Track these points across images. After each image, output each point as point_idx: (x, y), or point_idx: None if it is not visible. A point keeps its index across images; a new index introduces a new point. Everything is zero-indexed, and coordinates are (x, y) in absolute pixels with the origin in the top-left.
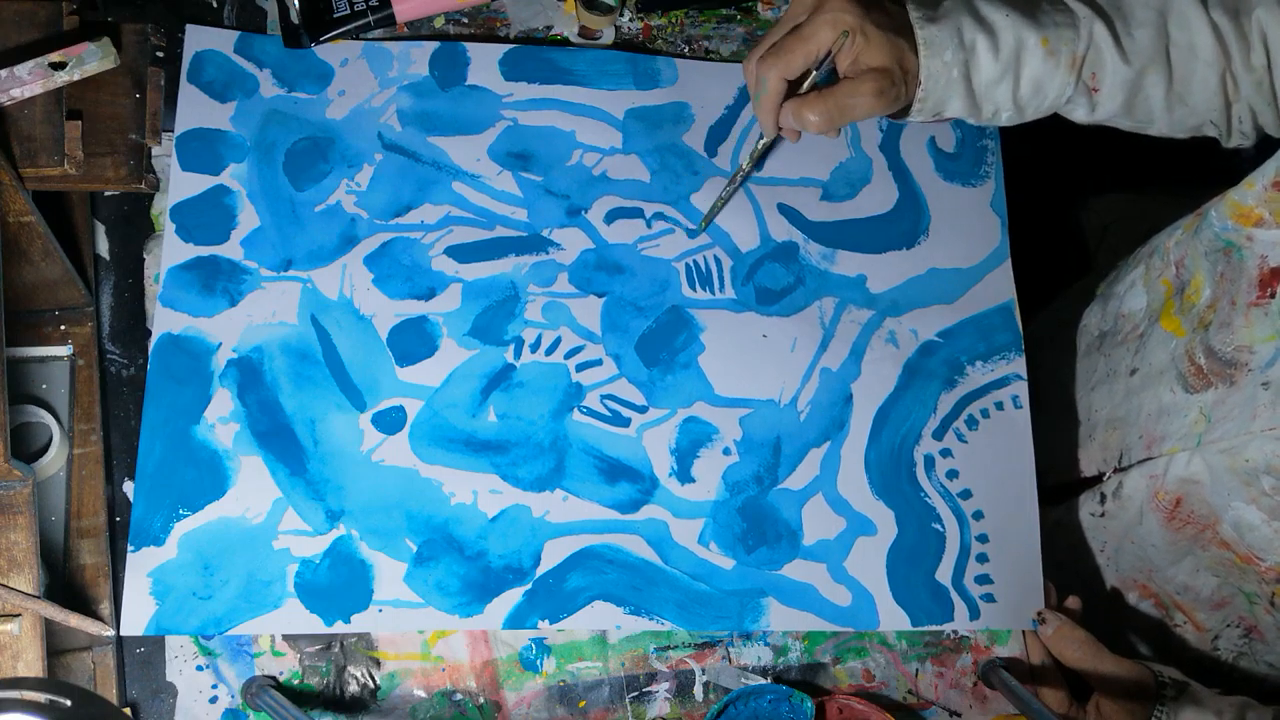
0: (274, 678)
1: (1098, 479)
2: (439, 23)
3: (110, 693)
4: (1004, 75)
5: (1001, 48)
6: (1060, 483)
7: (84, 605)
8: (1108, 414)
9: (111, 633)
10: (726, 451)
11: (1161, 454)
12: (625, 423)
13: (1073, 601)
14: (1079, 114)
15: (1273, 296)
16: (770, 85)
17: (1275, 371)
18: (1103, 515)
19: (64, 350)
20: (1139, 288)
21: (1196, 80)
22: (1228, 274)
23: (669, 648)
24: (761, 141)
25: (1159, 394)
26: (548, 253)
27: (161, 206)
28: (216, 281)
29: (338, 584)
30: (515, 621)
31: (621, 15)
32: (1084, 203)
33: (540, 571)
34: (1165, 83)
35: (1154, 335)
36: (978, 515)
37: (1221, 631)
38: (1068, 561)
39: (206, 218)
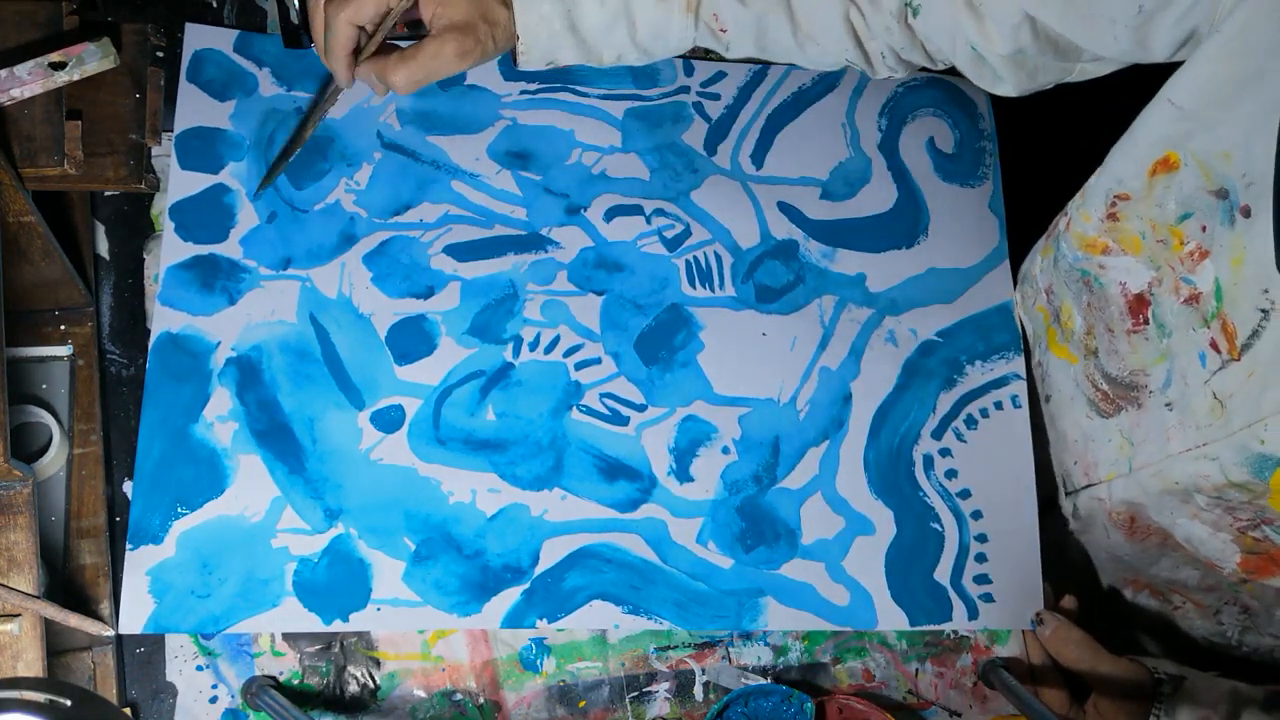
0: (274, 678)
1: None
2: None
3: (110, 693)
4: (615, 22)
5: None
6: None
7: (84, 605)
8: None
9: (111, 633)
10: (725, 450)
11: (1100, 480)
12: (624, 421)
13: (1068, 601)
14: (721, 52)
15: (1146, 323)
16: (339, 31)
17: (1173, 392)
18: (1072, 531)
19: (64, 350)
20: (1020, 313)
21: (820, 21)
22: (1094, 303)
23: (669, 648)
24: (332, 88)
25: (1078, 420)
26: (547, 251)
27: (161, 206)
28: (215, 280)
29: (336, 582)
30: (513, 620)
31: None
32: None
33: (538, 570)
34: (789, 24)
35: (1051, 362)
36: (976, 515)
37: (1221, 608)
38: (1058, 566)
39: (205, 216)
